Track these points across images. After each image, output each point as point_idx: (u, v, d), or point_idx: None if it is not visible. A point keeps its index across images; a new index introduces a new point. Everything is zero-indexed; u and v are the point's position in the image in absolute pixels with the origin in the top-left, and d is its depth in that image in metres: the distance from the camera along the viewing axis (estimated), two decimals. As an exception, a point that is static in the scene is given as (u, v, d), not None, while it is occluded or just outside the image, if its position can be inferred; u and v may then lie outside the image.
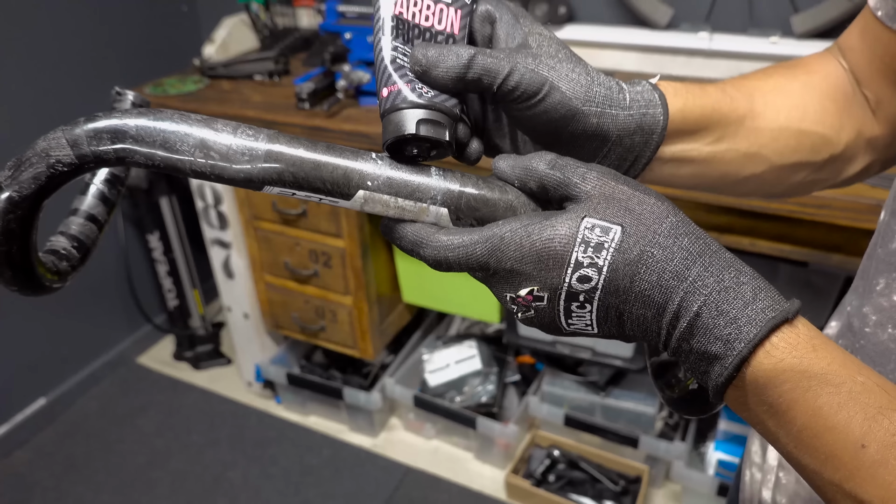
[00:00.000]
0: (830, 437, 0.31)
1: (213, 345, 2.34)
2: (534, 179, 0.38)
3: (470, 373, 1.91)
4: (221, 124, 0.35)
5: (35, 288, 0.39)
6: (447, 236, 0.37)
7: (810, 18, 1.48)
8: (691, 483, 1.66)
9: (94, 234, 0.44)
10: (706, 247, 0.35)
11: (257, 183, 0.35)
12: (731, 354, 0.32)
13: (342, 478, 1.90)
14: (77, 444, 2.05)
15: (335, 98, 1.48)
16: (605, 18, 1.71)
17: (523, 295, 0.36)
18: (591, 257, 0.34)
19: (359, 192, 0.37)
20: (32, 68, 1.86)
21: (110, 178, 0.46)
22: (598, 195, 0.36)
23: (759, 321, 0.32)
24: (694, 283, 0.33)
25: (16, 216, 0.34)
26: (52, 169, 0.34)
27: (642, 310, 0.35)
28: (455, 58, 0.37)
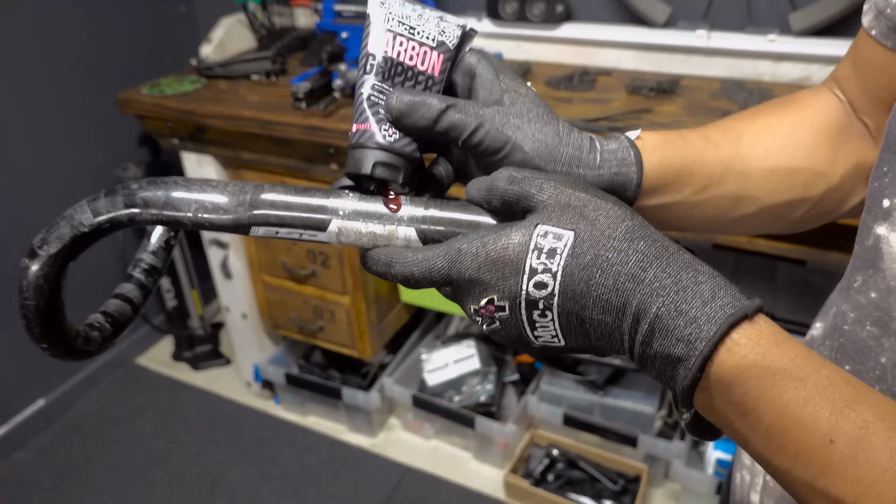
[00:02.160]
0: (798, 433, 0.30)
1: (211, 345, 2.34)
2: (496, 197, 0.38)
3: (468, 372, 1.91)
4: (214, 183, 0.41)
5: (64, 349, 0.42)
6: (412, 253, 0.39)
7: (808, 16, 1.47)
8: (690, 482, 1.66)
9: (128, 314, 0.49)
10: (663, 249, 0.35)
11: (245, 227, 0.41)
12: (694, 355, 0.32)
13: (341, 478, 1.90)
14: (76, 445, 2.05)
15: (332, 97, 1.48)
16: (602, 17, 1.71)
17: (484, 305, 0.37)
18: (545, 263, 0.35)
19: (332, 223, 0.40)
20: (30, 68, 1.86)
21: (148, 269, 0.52)
22: (554, 203, 0.36)
23: (718, 319, 0.32)
24: (651, 285, 0.33)
25: (44, 273, 0.39)
26: (75, 231, 0.39)
27: (602, 315, 0.35)
28: (426, 109, 0.40)
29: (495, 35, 1.81)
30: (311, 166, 1.56)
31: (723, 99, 1.45)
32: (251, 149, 1.62)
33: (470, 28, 0.43)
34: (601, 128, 1.34)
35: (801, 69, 1.52)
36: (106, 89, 1.98)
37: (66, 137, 2.00)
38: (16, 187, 1.90)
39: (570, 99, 1.51)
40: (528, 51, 1.79)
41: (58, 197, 2.02)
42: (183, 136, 1.70)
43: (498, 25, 1.78)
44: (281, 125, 1.49)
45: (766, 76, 1.56)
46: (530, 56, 1.79)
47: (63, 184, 2.02)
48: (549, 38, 1.74)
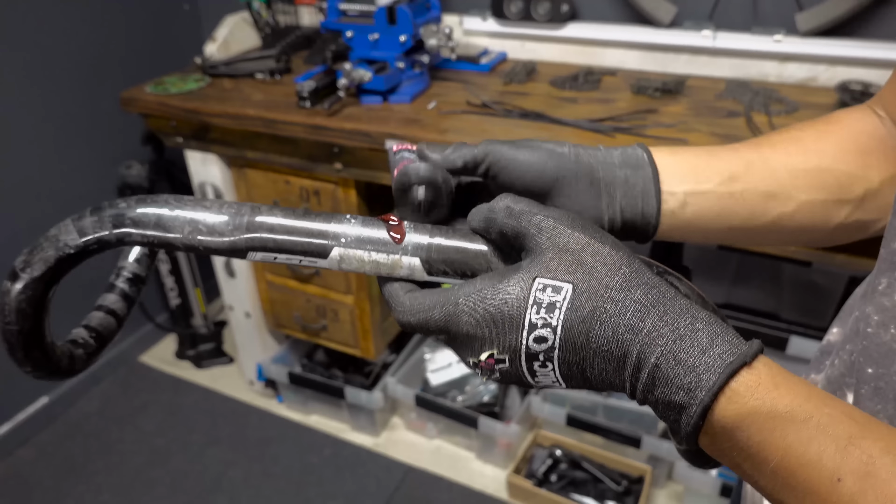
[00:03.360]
0: (805, 473, 0.31)
1: (214, 344, 2.34)
2: (494, 229, 0.39)
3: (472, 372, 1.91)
4: (209, 203, 0.39)
5: (48, 370, 0.41)
6: (410, 300, 0.39)
7: (815, 16, 1.47)
8: (694, 483, 1.65)
9: (112, 327, 0.47)
10: (660, 296, 0.35)
11: (242, 251, 0.39)
12: (695, 403, 0.32)
13: (343, 477, 1.90)
14: (78, 443, 2.05)
15: (336, 96, 1.47)
16: (607, 16, 1.70)
17: (484, 359, 0.37)
18: (545, 318, 0.35)
19: (334, 251, 0.39)
20: (35, 66, 1.86)
21: (132, 278, 0.50)
22: (552, 247, 0.36)
23: (717, 368, 0.32)
24: (650, 335, 0.34)
25: (27, 297, 0.37)
26: (60, 252, 0.37)
27: (603, 364, 0.35)
28: (458, 152, 0.45)
29: (500, 34, 1.80)
30: (315, 165, 1.56)
31: (728, 99, 1.45)
32: (255, 147, 1.62)
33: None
34: (606, 128, 1.33)
35: (807, 69, 1.52)
36: (110, 87, 1.98)
37: (70, 136, 2.00)
38: (20, 185, 1.90)
39: (575, 99, 1.50)
40: (532, 50, 1.78)
41: (62, 195, 2.02)
42: (187, 134, 1.70)
43: (502, 25, 1.78)
44: (285, 124, 1.49)
45: (771, 76, 1.55)
46: (535, 56, 1.78)
47: (67, 182, 2.02)
48: (554, 37, 1.74)
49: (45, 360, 0.40)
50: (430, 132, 1.37)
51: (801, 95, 1.45)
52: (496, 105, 1.46)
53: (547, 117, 1.39)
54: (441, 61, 1.72)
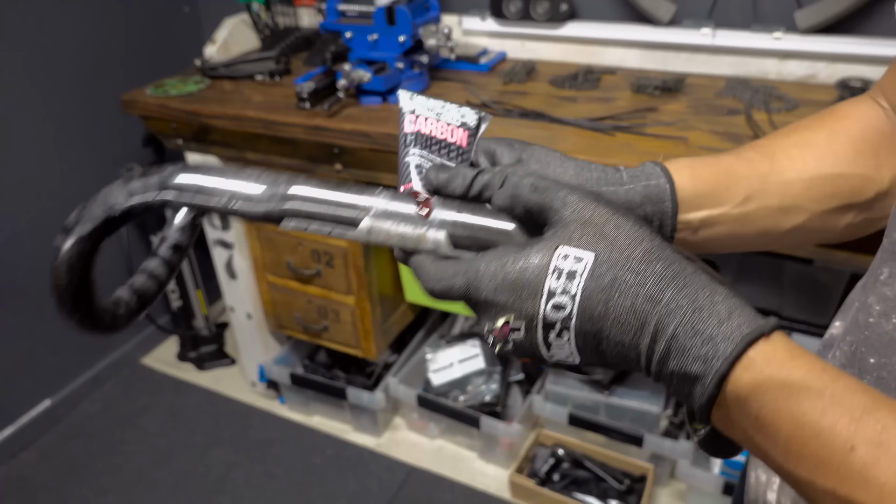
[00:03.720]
0: (818, 442, 0.31)
1: (216, 345, 2.34)
2: (519, 205, 0.39)
3: (473, 372, 1.91)
4: (248, 172, 0.41)
5: (92, 324, 0.43)
6: (435, 268, 0.40)
7: (814, 14, 1.47)
8: (696, 481, 1.65)
9: (153, 290, 0.50)
10: (680, 269, 0.35)
11: (276, 218, 0.41)
12: (710, 373, 0.33)
13: (346, 478, 1.90)
14: (81, 445, 2.05)
15: (336, 97, 1.48)
16: (606, 15, 1.70)
17: (499, 326, 0.37)
18: (564, 285, 0.35)
19: (364, 222, 0.41)
20: (35, 68, 1.86)
21: (174, 245, 0.52)
22: (576, 220, 0.37)
23: (734, 338, 0.33)
24: (668, 306, 0.34)
25: (76, 252, 0.40)
26: (108, 212, 0.40)
27: (619, 335, 0.35)
28: (461, 179, 0.43)
29: (499, 34, 1.80)
30: (315, 166, 1.56)
31: (728, 97, 1.45)
32: (255, 149, 1.62)
33: (484, 114, 0.47)
34: (606, 127, 1.33)
35: (806, 67, 1.51)
36: (110, 90, 1.98)
37: (70, 138, 2.01)
38: (21, 187, 1.90)
39: (575, 98, 1.50)
40: (532, 50, 1.78)
41: (62, 196, 2.02)
42: (187, 136, 1.70)
43: (502, 24, 1.78)
44: (285, 125, 1.49)
45: (771, 74, 1.55)
46: (534, 55, 1.78)
47: (67, 184, 2.03)
48: (554, 36, 1.74)
49: (90, 313, 0.43)
50: (430, 132, 1.37)
51: (801, 93, 1.45)
52: (496, 105, 1.46)
53: (547, 116, 1.39)
54: (440, 61, 1.72)
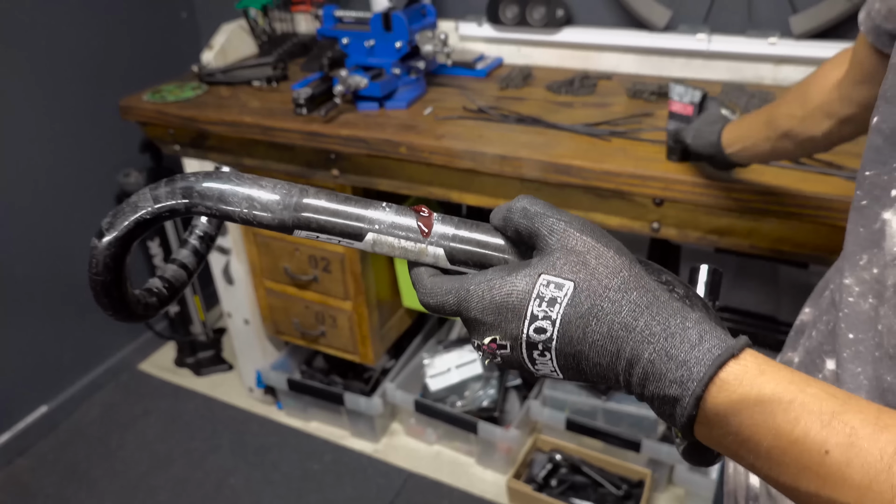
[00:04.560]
0: (795, 450, 0.33)
1: (214, 351, 2.34)
2: (510, 228, 0.42)
3: (471, 377, 1.91)
4: (265, 182, 0.44)
5: (126, 314, 0.48)
6: (431, 283, 0.43)
7: (809, 19, 1.47)
8: (694, 487, 1.65)
9: (183, 279, 0.54)
10: (654, 299, 0.37)
11: (289, 228, 0.44)
12: (687, 395, 0.35)
13: (343, 483, 1.90)
14: (79, 451, 2.05)
15: (332, 103, 1.48)
16: (603, 21, 1.71)
17: (487, 343, 0.40)
18: (545, 311, 0.38)
19: (368, 235, 0.44)
20: (33, 75, 1.86)
21: (202, 235, 0.56)
22: (560, 248, 0.39)
23: (706, 361, 0.35)
24: (642, 333, 0.36)
25: (111, 253, 0.44)
26: (138, 217, 0.44)
27: (597, 358, 0.37)
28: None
29: (496, 40, 1.81)
30: (312, 172, 1.56)
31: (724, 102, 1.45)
32: (253, 155, 1.62)
33: (706, 92, 0.64)
34: (602, 132, 1.34)
35: (802, 72, 1.52)
36: (108, 96, 1.98)
37: (68, 144, 2.01)
38: (19, 192, 1.90)
39: (571, 103, 1.51)
40: (528, 55, 1.79)
41: (61, 202, 2.02)
42: (184, 142, 1.70)
43: (498, 30, 1.78)
44: (282, 131, 1.49)
45: (767, 79, 1.56)
46: (531, 60, 1.79)
47: (65, 190, 2.03)
48: (550, 42, 1.74)
49: (124, 305, 0.47)
50: (427, 138, 1.37)
51: (796, 98, 1.45)
52: (492, 110, 1.47)
53: (543, 122, 1.40)
54: (437, 67, 1.72)
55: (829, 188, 1.09)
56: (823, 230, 1.13)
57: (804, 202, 1.09)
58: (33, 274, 1.99)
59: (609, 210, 1.29)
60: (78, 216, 2.08)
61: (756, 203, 1.12)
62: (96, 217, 2.12)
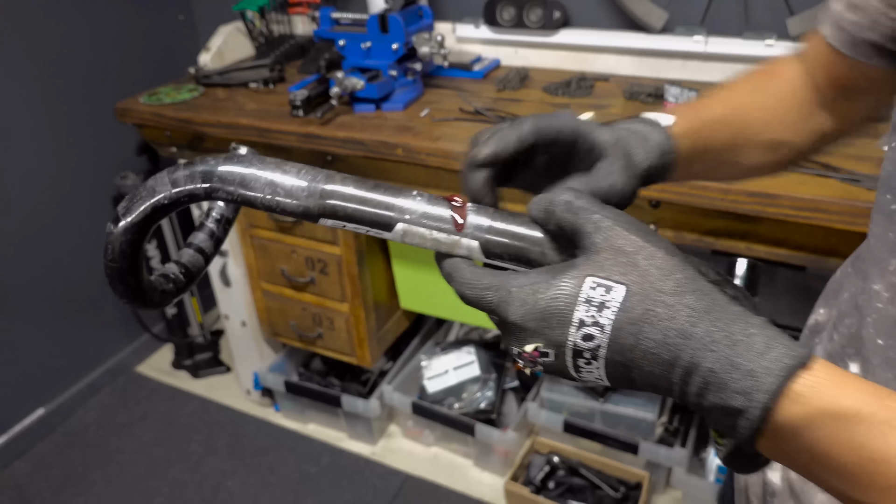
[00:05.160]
0: (882, 469, 0.31)
1: (211, 353, 2.34)
2: (552, 222, 0.40)
3: (468, 379, 1.90)
4: (289, 167, 0.42)
5: (142, 302, 0.47)
6: (471, 273, 0.40)
7: (806, 21, 1.47)
8: (692, 489, 1.65)
9: (200, 264, 0.52)
10: (712, 303, 0.35)
11: (314, 216, 0.41)
12: (755, 406, 0.32)
13: (341, 486, 1.89)
14: (76, 453, 2.05)
15: (329, 105, 1.48)
16: (600, 22, 1.70)
17: (529, 351, 0.38)
18: (594, 316, 0.35)
19: (398, 225, 0.41)
20: (30, 77, 1.86)
21: (219, 219, 0.54)
22: (607, 248, 0.37)
23: (775, 370, 0.32)
24: (702, 340, 0.34)
25: (127, 239, 0.42)
26: (155, 201, 0.42)
27: (650, 367, 0.35)
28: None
29: (493, 41, 1.81)
30: (308, 174, 1.56)
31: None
32: (249, 157, 1.62)
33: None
34: (598, 134, 1.33)
35: (799, 74, 1.52)
36: (104, 98, 1.98)
37: (65, 146, 2.01)
38: (16, 194, 1.90)
39: (568, 105, 1.51)
40: (525, 57, 1.79)
41: (57, 204, 2.02)
42: (181, 144, 1.70)
43: (495, 32, 1.78)
44: (278, 133, 1.49)
45: (764, 81, 1.55)
46: (528, 62, 1.78)
47: (62, 192, 2.03)
48: (547, 44, 1.74)
49: (140, 293, 0.46)
50: (424, 140, 1.37)
51: (793, 99, 1.45)
52: (489, 112, 1.47)
53: (539, 124, 1.39)
54: (434, 69, 1.72)
55: (825, 191, 1.09)
56: (820, 232, 1.13)
57: (801, 204, 1.09)
58: (30, 276, 1.98)
59: (606, 212, 1.29)
60: (75, 219, 2.07)
61: (752, 205, 1.12)
62: (93, 219, 2.12)
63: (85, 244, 2.10)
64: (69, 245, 2.07)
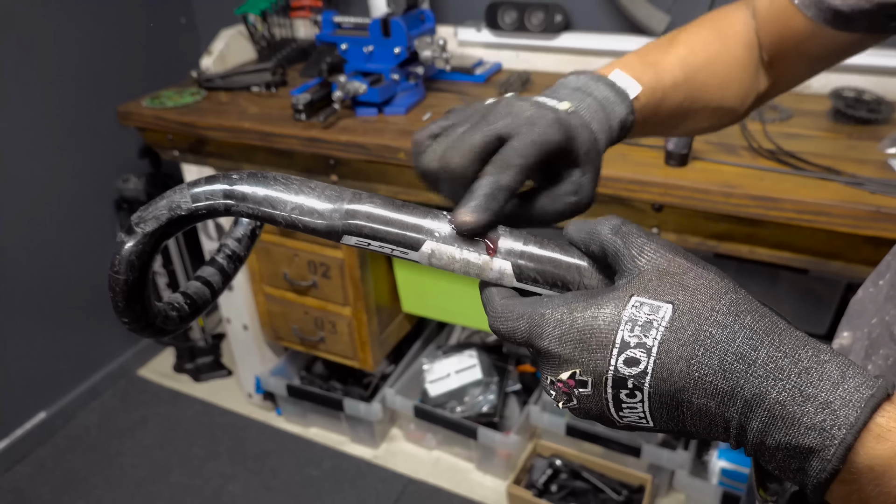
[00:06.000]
0: None
1: (213, 357, 2.34)
2: (596, 243, 0.37)
3: (470, 382, 1.90)
4: (313, 184, 0.41)
5: (143, 325, 0.44)
6: (503, 306, 0.37)
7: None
8: (695, 492, 1.65)
9: (206, 297, 0.50)
10: (773, 325, 0.31)
11: (338, 234, 0.40)
12: (833, 444, 0.28)
13: (343, 490, 1.89)
14: (77, 457, 2.04)
15: (332, 109, 1.48)
16: (601, 26, 1.71)
17: (564, 379, 0.34)
18: (639, 336, 0.31)
19: (425, 245, 0.39)
20: (32, 80, 1.86)
21: (231, 255, 0.53)
22: (652, 270, 0.34)
23: (856, 402, 0.28)
24: (765, 366, 0.30)
25: (137, 250, 0.40)
26: (172, 213, 0.40)
27: (703, 399, 0.31)
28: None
29: (494, 45, 1.81)
30: (311, 177, 1.56)
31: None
32: (252, 160, 1.62)
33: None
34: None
35: (800, 77, 1.52)
36: (107, 101, 1.98)
37: (67, 149, 2.01)
38: (18, 198, 1.90)
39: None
40: (527, 60, 1.79)
41: (59, 207, 2.02)
42: (183, 148, 1.70)
43: (497, 35, 1.79)
44: (281, 137, 1.49)
45: (765, 84, 1.56)
46: (529, 66, 1.79)
47: (64, 195, 2.03)
48: (548, 47, 1.74)
49: (143, 314, 0.43)
50: (426, 144, 1.37)
51: (794, 103, 1.45)
52: (491, 116, 1.47)
53: (542, 127, 1.39)
54: (436, 73, 1.72)
55: (828, 194, 1.09)
56: (822, 235, 1.13)
57: (803, 208, 1.09)
58: (32, 279, 1.98)
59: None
60: (76, 221, 2.07)
61: (755, 209, 1.12)
62: (95, 222, 2.12)
63: (86, 247, 2.11)
64: (70, 248, 2.07)
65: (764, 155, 1.22)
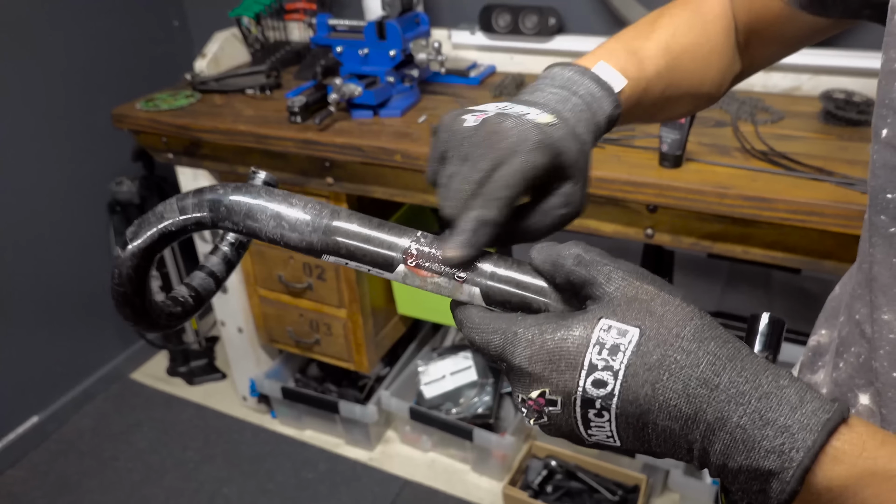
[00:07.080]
0: None
1: (207, 359, 2.33)
2: (560, 275, 0.37)
3: (466, 384, 1.91)
4: (295, 200, 0.42)
5: (148, 325, 0.47)
6: (479, 317, 0.38)
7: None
8: (689, 491, 1.66)
9: (211, 288, 0.52)
10: (736, 351, 0.32)
11: (317, 251, 0.41)
12: (791, 467, 0.29)
13: (339, 492, 1.89)
14: (71, 461, 2.03)
15: (327, 111, 1.48)
16: (594, 29, 1.72)
17: (534, 397, 0.35)
18: (606, 360, 0.33)
19: (400, 267, 0.40)
20: (26, 83, 1.86)
21: (234, 243, 0.55)
22: (620, 296, 0.34)
23: (814, 426, 0.29)
24: (727, 391, 0.31)
25: (133, 264, 0.43)
26: (162, 228, 0.42)
27: (668, 421, 0.32)
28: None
29: (488, 48, 1.82)
30: (307, 180, 1.57)
31: (715, 109, 1.46)
32: (247, 163, 1.62)
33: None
34: (595, 139, 1.34)
35: (791, 79, 1.54)
36: (101, 104, 1.98)
37: (61, 152, 2.00)
38: (11, 201, 1.89)
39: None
40: (520, 63, 1.80)
41: (53, 210, 2.01)
42: (178, 150, 1.70)
43: (491, 38, 1.79)
44: (276, 139, 1.50)
45: (757, 86, 1.57)
46: (523, 68, 1.80)
47: (58, 198, 2.02)
48: (542, 50, 1.75)
49: (147, 316, 0.46)
50: (422, 146, 1.38)
51: (786, 104, 1.47)
52: (486, 118, 1.47)
53: (536, 129, 1.40)
54: (431, 75, 1.73)
55: (820, 194, 1.10)
56: (814, 235, 1.15)
57: (796, 208, 1.10)
58: (25, 282, 1.97)
59: (603, 217, 1.30)
60: (70, 224, 2.07)
61: (748, 209, 1.14)
62: (88, 225, 2.11)
63: (79, 251, 2.10)
64: (64, 251, 2.06)
65: (756, 156, 1.24)
